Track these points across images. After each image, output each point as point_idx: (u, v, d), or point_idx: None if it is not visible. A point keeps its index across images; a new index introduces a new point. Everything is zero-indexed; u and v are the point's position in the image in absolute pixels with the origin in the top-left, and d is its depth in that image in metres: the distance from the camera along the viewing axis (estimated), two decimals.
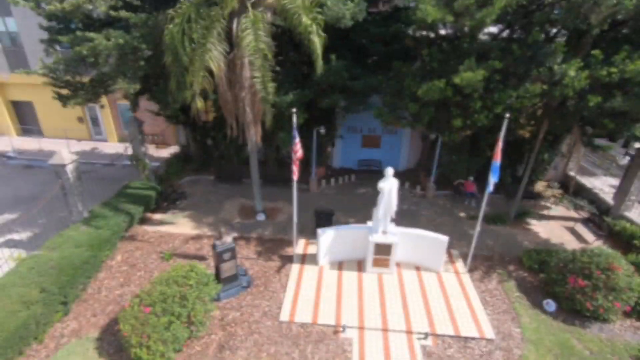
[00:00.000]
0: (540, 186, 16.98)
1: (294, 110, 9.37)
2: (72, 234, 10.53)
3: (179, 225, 13.19)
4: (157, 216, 13.78)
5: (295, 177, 9.74)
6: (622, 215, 13.68)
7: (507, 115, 8.75)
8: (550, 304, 9.84)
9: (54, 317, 8.78)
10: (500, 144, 9.12)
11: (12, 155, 20.29)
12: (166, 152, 20.23)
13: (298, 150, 9.35)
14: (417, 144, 17.51)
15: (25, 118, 23.08)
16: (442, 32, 11.43)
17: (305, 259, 11.50)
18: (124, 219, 11.74)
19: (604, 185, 16.26)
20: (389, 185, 9.95)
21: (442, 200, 15.75)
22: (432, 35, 11.23)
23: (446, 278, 10.78)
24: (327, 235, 10.79)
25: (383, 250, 10.50)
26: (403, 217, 14.17)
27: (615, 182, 15.22)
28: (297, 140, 9.24)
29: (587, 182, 16.64)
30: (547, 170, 16.87)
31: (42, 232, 13.27)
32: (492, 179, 9.56)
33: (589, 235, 13.33)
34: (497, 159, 9.18)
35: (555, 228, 13.88)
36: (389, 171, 9.87)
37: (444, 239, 10.59)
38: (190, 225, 13.25)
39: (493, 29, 11.78)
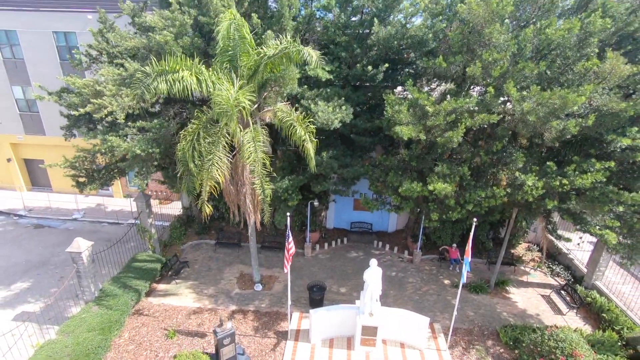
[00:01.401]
0: (520, 249, 18.12)
1: (288, 214, 10.62)
2: (85, 317, 11.49)
3: (182, 297, 14.15)
4: (162, 286, 14.75)
5: (286, 269, 10.89)
6: (594, 285, 14.75)
7: (475, 220, 10.00)
8: None
9: None
10: (470, 243, 10.34)
11: (22, 214, 21.38)
12: (169, 209, 21.39)
13: (291, 248, 10.52)
14: None
15: (36, 174, 24.35)
16: None
17: (299, 335, 12.42)
18: (132, 297, 12.72)
19: (584, 242, 17.14)
20: (373, 275, 11.03)
21: (429, 265, 16.81)
22: None
23: (428, 356, 11.70)
24: (318, 315, 11.77)
25: (370, 331, 11.46)
26: (391, 285, 15.23)
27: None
28: (290, 239, 10.42)
29: (570, 235, 17.47)
30: (527, 233, 18.09)
31: (54, 303, 14.14)
32: (465, 270, 10.73)
33: (563, 305, 14.33)
34: (468, 256, 10.38)
35: (533, 297, 14.89)
36: (373, 262, 10.99)
37: (425, 319, 11.59)
38: (192, 296, 14.21)
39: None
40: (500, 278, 15.40)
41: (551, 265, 16.61)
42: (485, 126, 10.62)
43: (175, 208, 21.48)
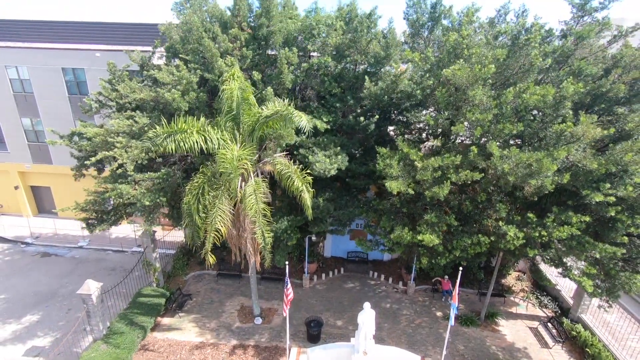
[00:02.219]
0: (511, 279, 18.80)
1: (287, 262, 11.35)
2: (94, 356, 12.15)
3: (185, 332, 14.79)
4: (166, 320, 15.40)
5: (285, 313, 11.60)
6: (579, 318, 15.43)
7: (461, 267, 10.73)
8: None
9: None
10: (457, 289, 11.06)
11: (29, 242, 22.04)
12: (173, 236, 22.03)
13: (289, 294, 11.23)
14: None
15: (42, 200, 25.08)
16: None
17: None
18: (138, 334, 13.38)
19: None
20: (367, 317, 11.69)
21: (422, 296, 17.48)
22: None
23: None
24: (315, 355, 12.40)
25: None
26: (386, 318, 15.89)
27: None
28: (289, 285, 11.14)
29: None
30: (517, 263, 18.79)
31: (63, 337, 14.77)
32: (453, 314, 11.45)
33: (549, 339, 14.99)
34: (455, 302, 11.09)
35: (521, 329, 15.55)
36: (367, 305, 11.65)
37: (416, 358, 12.23)
38: (195, 331, 14.85)
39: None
40: (490, 310, 16.07)
41: (539, 296, 17.28)
42: (469, 182, 11.39)
43: (178, 235, 22.14)
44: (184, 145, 10.39)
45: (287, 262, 11.61)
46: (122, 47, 20.99)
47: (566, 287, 17.38)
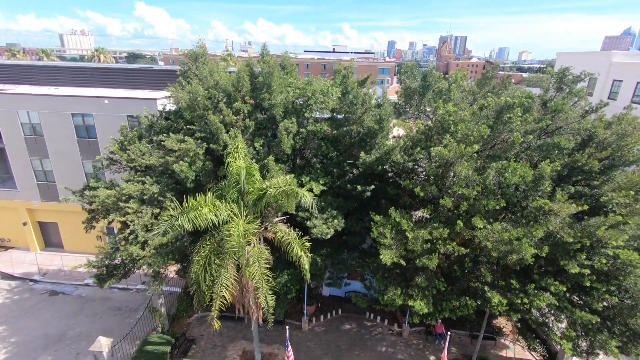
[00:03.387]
0: (502, 319, 19.57)
1: (287, 327, 12.16)
2: None
3: None
4: None
5: None
6: None
7: (449, 333, 11.56)
8: None
9: None
10: (445, 354, 11.88)
11: (37, 279, 22.75)
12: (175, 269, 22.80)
13: (290, 356, 12.03)
14: None
15: (49, 235, 25.86)
16: None
17: None
18: None
19: None
20: None
21: (416, 339, 18.24)
22: None
23: None
24: None
25: None
26: None
27: None
28: (290, 348, 11.94)
29: None
30: None
31: None
32: None
33: None
34: None
35: None
36: None
37: None
38: None
39: None
40: (480, 355, 16.82)
41: (529, 339, 18.00)
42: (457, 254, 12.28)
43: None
44: (198, 222, 11.22)
45: (287, 327, 12.40)
46: (129, 93, 22.09)
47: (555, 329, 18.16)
